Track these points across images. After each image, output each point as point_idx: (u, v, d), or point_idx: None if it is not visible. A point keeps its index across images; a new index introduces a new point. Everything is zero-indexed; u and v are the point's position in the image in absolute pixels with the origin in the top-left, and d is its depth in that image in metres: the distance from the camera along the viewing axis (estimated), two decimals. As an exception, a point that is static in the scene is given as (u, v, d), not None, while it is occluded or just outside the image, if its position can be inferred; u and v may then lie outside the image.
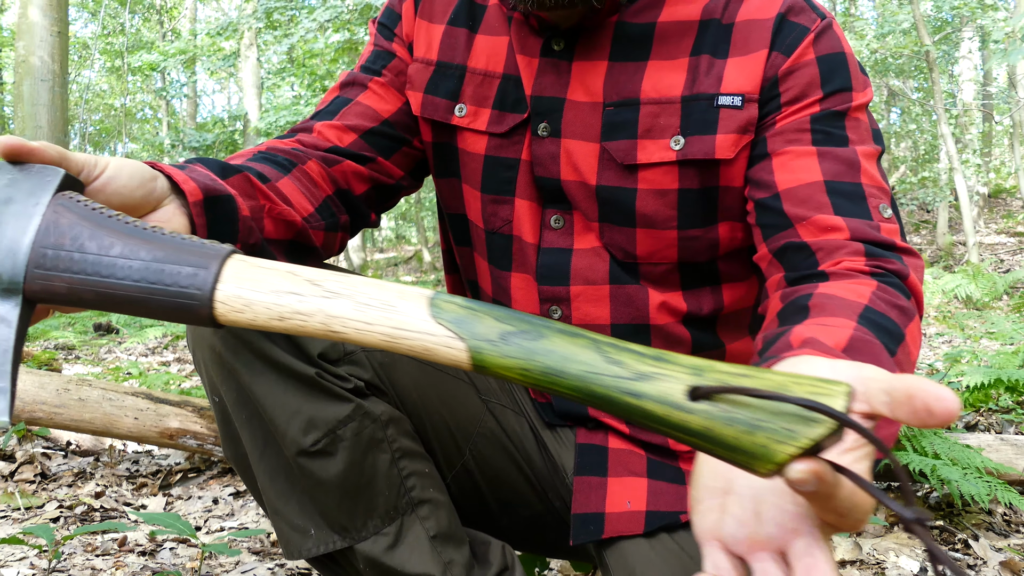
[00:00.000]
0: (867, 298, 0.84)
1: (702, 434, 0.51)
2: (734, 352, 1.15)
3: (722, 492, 0.60)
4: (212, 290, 0.62)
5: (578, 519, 1.09)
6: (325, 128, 1.14)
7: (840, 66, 1.00)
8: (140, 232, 0.67)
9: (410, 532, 1.04)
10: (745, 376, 0.52)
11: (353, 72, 1.21)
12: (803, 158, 0.98)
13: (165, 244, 0.65)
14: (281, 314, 0.60)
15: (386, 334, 0.58)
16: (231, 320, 0.62)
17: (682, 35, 1.05)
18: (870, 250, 0.91)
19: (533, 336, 0.56)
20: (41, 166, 0.71)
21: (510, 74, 1.12)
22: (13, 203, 0.68)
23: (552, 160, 1.09)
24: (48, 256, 0.66)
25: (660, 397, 0.52)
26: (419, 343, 0.57)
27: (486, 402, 1.18)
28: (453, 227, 1.24)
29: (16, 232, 0.67)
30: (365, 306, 0.59)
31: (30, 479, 2.65)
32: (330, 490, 1.01)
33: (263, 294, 0.61)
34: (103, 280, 0.65)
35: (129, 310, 0.66)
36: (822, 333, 0.76)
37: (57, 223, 0.67)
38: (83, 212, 0.68)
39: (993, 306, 7.70)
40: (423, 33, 1.19)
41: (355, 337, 0.58)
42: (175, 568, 1.96)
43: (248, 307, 0.61)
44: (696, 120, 1.03)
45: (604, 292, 1.10)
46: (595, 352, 0.55)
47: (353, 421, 1.01)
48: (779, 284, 0.96)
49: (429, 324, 0.57)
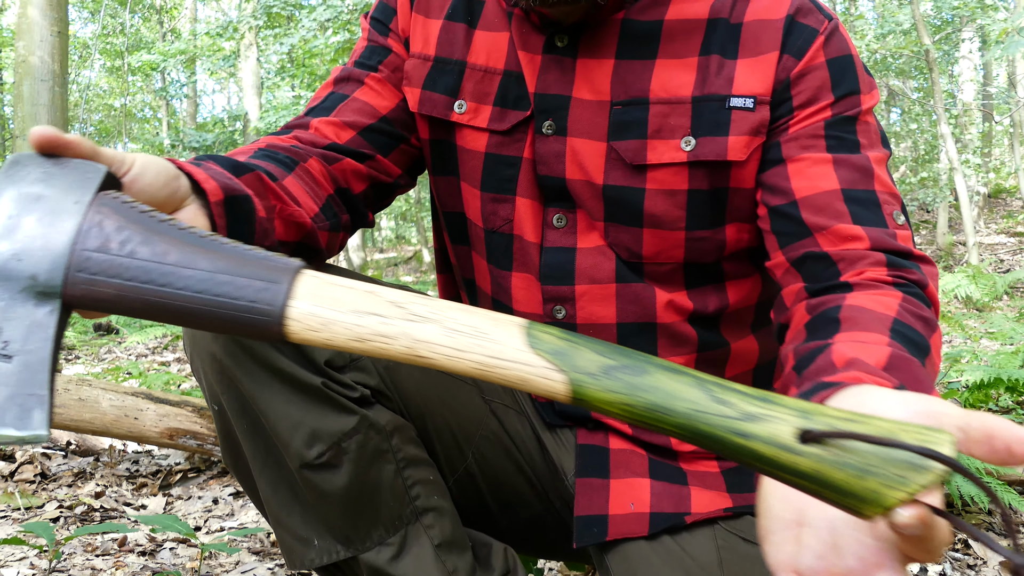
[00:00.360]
0: (895, 310, 0.85)
1: (811, 476, 0.52)
2: (738, 351, 1.14)
3: (795, 524, 0.60)
4: (284, 307, 0.59)
5: (581, 521, 1.08)
6: (322, 124, 1.11)
7: (849, 69, 1.01)
8: (198, 240, 0.63)
9: (415, 541, 1.03)
10: (852, 421, 0.53)
11: (347, 68, 1.18)
12: (819, 165, 0.98)
13: (228, 255, 0.62)
14: (361, 336, 0.58)
15: (479, 362, 0.57)
16: (304, 339, 0.59)
17: (690, 34, 1.04)
18: (891, 260, 0.92)
19: (636, 371, 0.56)
20: (78, 161, 0.67)
21: (511, 70, 1.10)
22: (48, 200, 0.64)
23: (557, 159, 1.08)
24: (92, 260, 0.62)
25: (769, 438, 0.53)
26: (515, 373, 0.57)
27: (489, 403, 1.17)
28: (450, 225, 1.22)
29: (54, 232, 0.62)
30: (455, 332, 0.57)
31: (30, 479, 2.65)
32: (334, 502, 1.00)
33: (342, 313, 0.59)
34: (159, 289, 0.61)
35: (184, 321, 0.63)
36: (862, 351, 0.76)
37: (101, 224, 0.63)
38: (131, 214, 0.64)
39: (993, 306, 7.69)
40: (420, 28, 1.16)
41: (444, 364, 0.57)
42: (175, 568, 1.96)
43: (325, 326, 0.58)
44: (707, 121, 1.02)
45: (610, 291, 1.09)
46: (700, 390, 0.55)
47: (358, 433, 0.99)
48: (800, 294, 0.97)
49: (527, 354, 0.57)
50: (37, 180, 0.65)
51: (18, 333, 0.61)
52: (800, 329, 0.91)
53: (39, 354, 0.61)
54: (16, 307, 0.61)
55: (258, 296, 0.60)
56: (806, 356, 0.82)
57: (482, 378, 0.57)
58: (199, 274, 0.61)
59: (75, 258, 0.62)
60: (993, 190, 16.44)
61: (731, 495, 1.09)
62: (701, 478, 1.10)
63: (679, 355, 1.11)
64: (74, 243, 0.62)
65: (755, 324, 1.16)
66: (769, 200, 1.01)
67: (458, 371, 0.57)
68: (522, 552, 1.27)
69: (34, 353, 0.61)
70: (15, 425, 0.59)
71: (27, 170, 0.66)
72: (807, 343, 0.86)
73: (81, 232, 0.62)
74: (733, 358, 1.14)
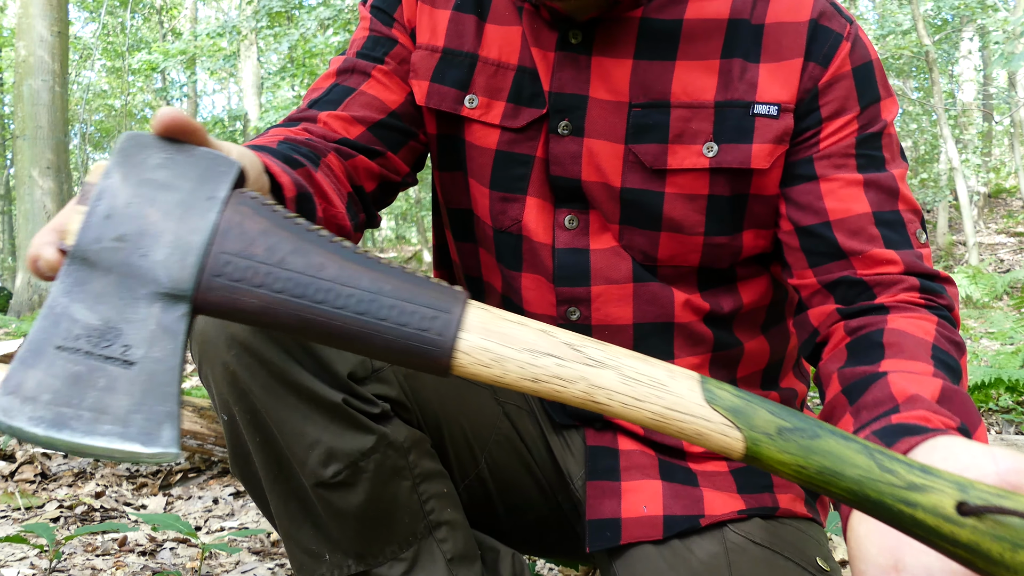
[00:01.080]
0: (932, 335, 0.89)
1: (968, 547, 0.55)
2: (750, 351, 1.13)
3: (893, 569, 0.62)
4: (455, 338, 0.56)
5: (593, 525, 1.07)
6: (331, 119, 1.05)
7: (872, 76, 1.01)
8: (353, 255, 0.58)
9: (427, 556, 1.02)
10: (1004, 497, 0.55)
11: (350, 58, 1.12)
12: (851, 187, 0.99)
13: (390, 275, 0.57)
14: (536, 376, 0.57)
15: (657, 413, 0.58)
16: (469, 372, 0.58)
17: (710, 34, 1.02)
18: (923, 284, 0.95)
19: (809, 435, 0.57)
20: (204, 150, 0.59)
21: (525, 66, 1.06)
22: (176, 190, 0.57)
23: (573, 160, 1.05)
24: (233, 265, 0.56)
25: (932, 508, 0.55)
26: (692, 427, 0.58)
27: (502, 404, 1.15)
28: (454, 222, 1.18)
29: (185, 228, 0.56)
30: (633, 381, 0.58)
31: (30, 479, 2.65)
32: (349, 519, 0.98)
33: (516, 351, 0.58)
34: (315, 307, 0.56)
35: (337, 342, 0.57)
36: (917, 384, 0.80)
37: (242, 226, 0.57)
38: (275, 218, 0.58)
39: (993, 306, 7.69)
40: (426, 18, 1.11)
41: (620, 411, 0.58)
42: (175, 568, 1.96)
43: (497, 363, 0.57)
44: (731, 128, 1.01)
45: (627, 291, 1.07)
46: (868, 457, 0.56)
47: (376, 453, 0.97)
48: (833, 316, 0.99)
49: (705, 409, 0.57)
50: (159, 166, 0.58)
51: (141, 338, 0.55)
52: (840, 350, 0.93)
53: (167, 363, 0.55)
54: (138, 308, 0.55)
55: (427, 324, 0.56)
56: (858, 383, 0.85)
57: (659, 429, 0.58)
58: (361, 294, 0.56)
59: (212, 260, 0.56)
60: (993, 190, 16.44)
61: (742, 496, 1.08)
62: (711, 479, 1.09)
63: (695, 355, 1.10)
64: (210, 243, 0.56)
65: (765, 325, 1.15)
66: (799, 218, 1.01)
67: (633, 419, 0.58)
68: (523, 552, 1.27)
69: (161, 362, 0.55)
70: (141, 440, 0.54)
71: (146, 153, 0.58)
72: (853, 367, 0.88)
73: (219, 232, 0.56)
74: (746, 358, 1.13)
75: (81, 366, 0.54)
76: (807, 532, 1.09)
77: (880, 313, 0.94)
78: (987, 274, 8.51)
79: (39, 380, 0.54)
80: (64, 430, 0.53)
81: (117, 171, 0.57)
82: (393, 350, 0.57)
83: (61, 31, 10.48)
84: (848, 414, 0.84)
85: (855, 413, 0.83)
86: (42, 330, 0.55)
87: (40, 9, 10.22)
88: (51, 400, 0.54)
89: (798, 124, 1.01)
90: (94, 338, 0.55)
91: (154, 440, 0.54)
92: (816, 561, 1.05)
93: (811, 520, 1.12)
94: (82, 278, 0.55)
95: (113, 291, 0.55)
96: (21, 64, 10.42)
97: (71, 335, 0.55)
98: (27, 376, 0.54)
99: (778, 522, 1.08)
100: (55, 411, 0.54)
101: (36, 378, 0.54)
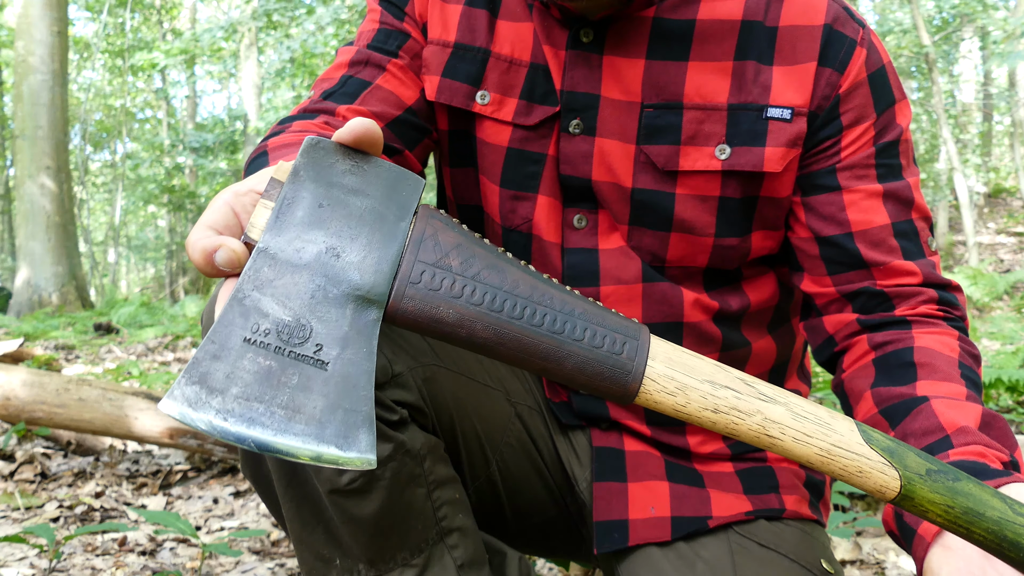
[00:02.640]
0: (957, 352, 0.93)
1: None
2: (758, 351, 1.13)
3: None
4: (645, 365, 0.58)
5: (601, 527, 1.06)
6: (350, 113, 1.03)
7: (887, 80, 1.02)
8: (540, 276, 0.58)
9: (437, 563, 1.01)
10: None
11: (362, 50, 1.09)
12: (872, 199, 1.00)
13: (576, 299, 0.58)
14: (717, 406, 0.60)
15: (824, 450, 0.60)
16: (654, 400, 0.59)
17: (724, 36, 1.01)
18: (941, 296, 0.99)
19: (952, 477, 0.60)
20: (389, 163, 0.60)
21: (538, 63, 1.05)
22: (367, 197, 0.57)
23: (584, 159, 1.04)
24: (429, 274, 0.56)
25: None
26: (855, 464, 0.60)
27: (514, 405, 1.14)
28: (463, 218, 1.17)
29: (379, 234, 0.56)
30: (802, 418, 0.61)
31: (30, 479, 2.65)
32: (362, 526, 0.97)
33: (698, 382, 0.60)
34: (512, 322, 0.56)
35: (527, 361, 0.57)
36: (960, 413, 0.84)
37: (436, 238, 0.57)
38: (465, 234, 0.58)
39: (993, 306, 7.69)
40: (437, 12, 1.10)
41: (790, 446, 0.61)
42: (175, 568, 1.96)
43: (681, 391, 0.60)
44: (744, 131, 1.01)
45: (637, 291, 1.07)
46: (1002, 501, 0.60)
47: (393, 460, 0.96)
48: (852, 326, 1.01)
49: (865, 449, 0.61)
50: (348, 172, 0.58)
51: (334, 338, 0.54)
52: (867, 365, 0.96)
53: (362, 366, 0.54)
54: (330, 308, 0.54)
55: (619, 349, 0.58)
56: (898, 407, 0.88)
57: (820, 466, 0.61)
58: (555, 314, 0.57)
59: (407, 267, 0.56)
60: (993, 190, 16.44)
61: (748, 497, 1.08)
62: (717, 480, 1.09)
63: (704, 354, 1.09)
64: (405, 250, 0.56)
65: (772, 324, 1.15)
66: (820, 228, 1.02)
67: (800, 455, 0.61)
68: (527, 553, 1.27)
69: (356, 364, 0.54)
70: (337, 444, 0.52)
71: (333, 159, 0.58)
72: (888, 387, 0.91)
73: (414, 241, 0.56)
74: (753, 358, 1.13)
75: (273, 361, 0.53)
76: (812, 534, 1.09)
77: (904, 328, 0.97)
78: (987, 274, 8.51)
79: (227, 372, 0.52)
80: (255, 426, 0.52)
81: (307, 172, 0.57)
82: (585, 372, 0.57)
83: (61, 31, 10.48)
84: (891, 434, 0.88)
85: (900, 438, 0.86)
86: (229, 322, 0.53)
87: (40, 9, 10.21)
88: (241, 394, 0.52)
89: (818, 132, 1.01)
90: (284, 334, 0.54)
91: (351, 444, 0.53)
92: (821, 563, 1.05)
93: (815, 522, 1.12)
94: (272, 274, 0.55)
95: (304, 289, 0.54)
96: (21, 64, 10.42)
97: (260, 329, 0.53)
98: (214, 367, 0.53)
99: (783, 524, 1.07)
100: (245, 406, 0.52)
101: (224, 370, 0.52)
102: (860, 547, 1.96)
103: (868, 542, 2.00)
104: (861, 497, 2.25)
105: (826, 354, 1.04)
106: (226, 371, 0.52)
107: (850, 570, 1.86)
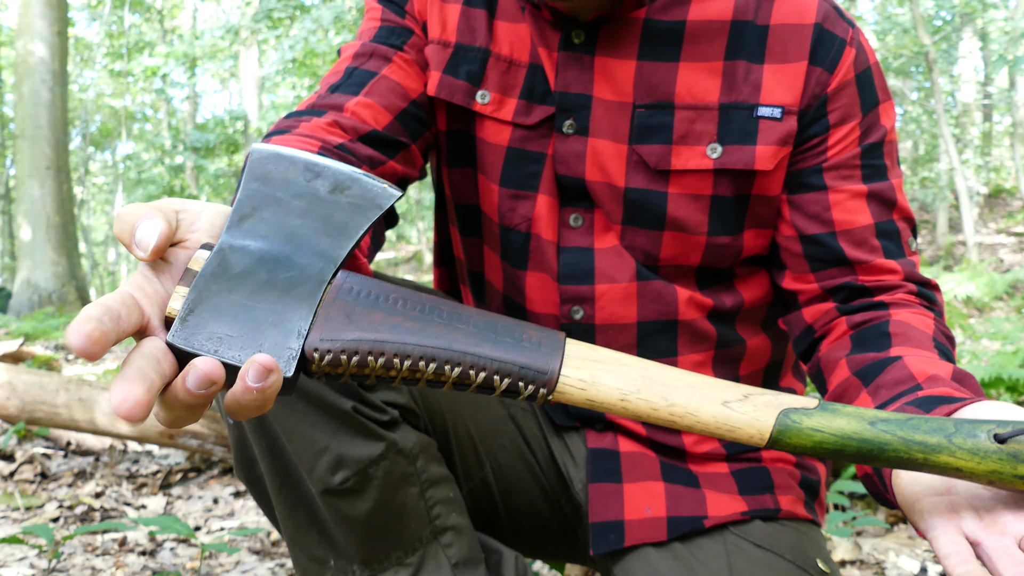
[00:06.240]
0: (932, 329, 0.94)
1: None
2: (752, 349, 1.13)
3: (947, 491, 0.68)
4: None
5: (597, 528, 1.06)
6: (359, 107, 1.01)
7: (871, 80, 1.03)
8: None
9: (432, 561, 1.01)
10: None
11: (366, 43, 1.08)
12: (857, 199, 1.01)
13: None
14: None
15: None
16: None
17: (714, 36, 1.02)
18: (921, 291, 1.01)
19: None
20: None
21: (536, 64, 1.06)
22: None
23: (577, 159, 1.05)
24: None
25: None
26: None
27: (508, 407, 1.15)
28: (462, 218, 1.17)
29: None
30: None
31: (30, 479, 2.65)
32: (355, 526, 0.97)
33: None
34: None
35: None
36: (932, 366, 0.84)
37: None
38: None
39: (993, 306, 7.70)
40: (436, 12, 1.10)
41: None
42: (175, 568, 1.96)
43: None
44: (735, 130, 1.01)
45: (631, 290, 1.07)
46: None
47: (385, 460, 0.96)
48: (831, 312, 1.02)
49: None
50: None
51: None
52: (844, 340, 0.97)
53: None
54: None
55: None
56: (871, 366, 0.88)
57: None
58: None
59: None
60: (993, 190, 16.44)
61: (744, 497, 1.08)
62: (712, 480, 1.09)
63: (698, 352, 1.10)
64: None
65: (766, 322, 1.15)
66: (804, 226, 1.03)
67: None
68: (523, 554, 1.27)
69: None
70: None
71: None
72: (863, 353, 0.92)
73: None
74: (748, 356, 1.13)
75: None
76: (807, 534, 1.09)
77: (881, 308, 0.99)
78: (987, 274, 8.51)
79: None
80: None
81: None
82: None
83: (61, 31, 10.48)
84: (864, 393, 0.87)
85: (873, 392, 0.85)
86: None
87: (40, 9, 10.22)
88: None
89: (805, 130, 1.01)
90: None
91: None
92: (816, 563, 1.05)
93: (811, 522, 1.12)
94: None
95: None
96: (21, 64, 10.42)
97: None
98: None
99: (779, 524, 1.08)
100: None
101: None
102: (860, 547, 1.97)
103: (868, 542, 2.00)
104: (861, 497, 2.25)
105: (805, 343, 1.04)
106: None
107: (850, 570, 1.86)
